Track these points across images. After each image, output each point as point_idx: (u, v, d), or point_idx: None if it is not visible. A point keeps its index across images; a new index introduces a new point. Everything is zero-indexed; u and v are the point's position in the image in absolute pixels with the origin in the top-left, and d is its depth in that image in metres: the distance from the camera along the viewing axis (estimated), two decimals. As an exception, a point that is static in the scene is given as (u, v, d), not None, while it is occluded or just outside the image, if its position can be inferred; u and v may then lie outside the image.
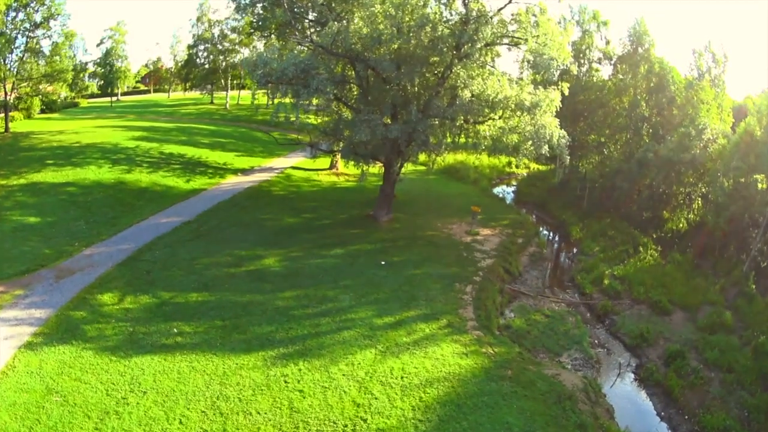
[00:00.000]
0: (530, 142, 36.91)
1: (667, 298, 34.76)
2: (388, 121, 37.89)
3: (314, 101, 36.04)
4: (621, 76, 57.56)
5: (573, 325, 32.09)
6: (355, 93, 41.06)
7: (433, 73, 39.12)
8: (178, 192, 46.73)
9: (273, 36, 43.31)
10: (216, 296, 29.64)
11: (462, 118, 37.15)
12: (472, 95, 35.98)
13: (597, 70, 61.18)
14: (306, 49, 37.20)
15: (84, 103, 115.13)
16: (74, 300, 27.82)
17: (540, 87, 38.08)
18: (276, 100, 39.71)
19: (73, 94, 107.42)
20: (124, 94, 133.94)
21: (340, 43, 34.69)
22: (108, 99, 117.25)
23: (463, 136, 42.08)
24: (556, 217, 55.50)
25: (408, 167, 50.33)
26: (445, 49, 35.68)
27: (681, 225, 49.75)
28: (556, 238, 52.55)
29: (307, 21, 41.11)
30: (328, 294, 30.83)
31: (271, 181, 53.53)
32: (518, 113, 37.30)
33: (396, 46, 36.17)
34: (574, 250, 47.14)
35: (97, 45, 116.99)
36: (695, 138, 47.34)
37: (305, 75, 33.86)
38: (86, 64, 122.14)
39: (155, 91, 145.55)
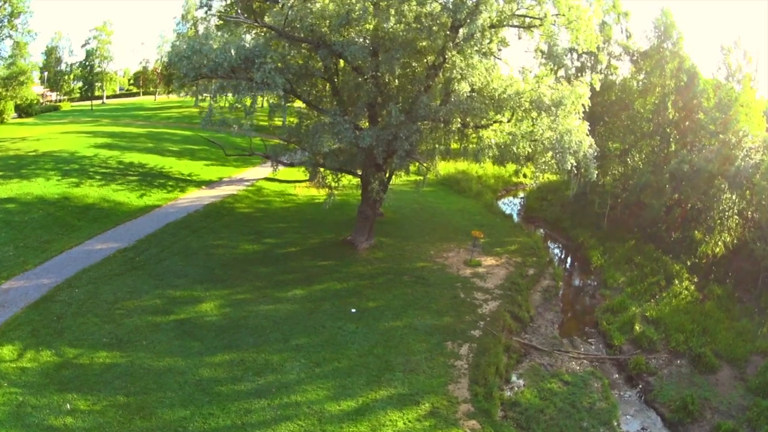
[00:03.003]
0: (550, 153, 28.87)
1: (711, 349, 28.20)
2: (366, 124, 30.07)
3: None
4: (644, 75, 50.30)
5: (599, 394, 24.40)
6: (320, 89, 33.12)
7: (422, 63, 31.16)
8: (127, 210, 39.96)
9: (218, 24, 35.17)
10: (128, 357, 22.85)
11: (459, 120, 28.98)
12: (472, 89, 27.83)
13: (615, 68, 53.69)
14: (257, 34, 29.39)
15: (67, 106, 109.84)
16: (-27, 353, 21.79)
17: (562, 79, 30.03)
18: (204, 103, 31.84)
19: (45, 98, 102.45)
20: (112, 96, 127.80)
21: (297, 23, 26.81)
22: (94, 102, 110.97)
23: (460, 143, 33.94)
24: (572, 238, 47.70)
25: (401, 178, 42.55)
26: (435, 29, 27.72)
27: (718, 249, 42.25)
28: (573, 265, 44.78)
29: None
30: (272, 360, 23.14)
31: (238, 195, 45.98)
32: (534, 114, 29.24)
33: (371, 26, 28.36)
34: (592, 281, 39.59)
35: (82, 46, 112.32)
36: (735, 147, 40.59)
37: (249, 65, 26.10)
38: (71, 65, 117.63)
39: (144, 94, 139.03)
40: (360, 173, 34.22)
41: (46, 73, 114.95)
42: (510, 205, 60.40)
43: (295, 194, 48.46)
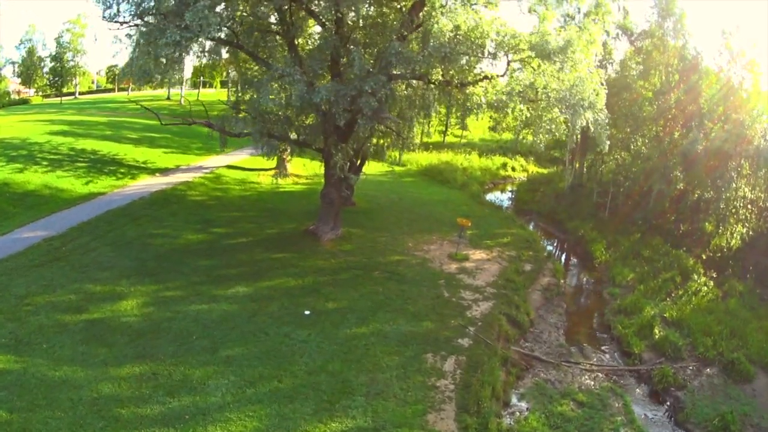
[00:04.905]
0: (556, 109, 23.56)
1: (744, 354, 24.14)
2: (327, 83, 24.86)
3: None
4: (644, 56, 46.51)
5: (622, 417, 19.42)
6: (272, 42, 27.82)
7: (395, 9, 25.82)
8: (68, 197, 35.94)
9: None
10: (23, 363, 18.45)
11: (440, 71, 23.46)
12: (457, 32, 22.36)
13: (611, 51, 49.49)
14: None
15: (38, 100, 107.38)
16: None
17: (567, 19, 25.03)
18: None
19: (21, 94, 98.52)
20: (87, 93, 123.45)
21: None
22: (67, 97, 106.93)
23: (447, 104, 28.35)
24: (570, 231, 43.02)
25: (377, 167, 37.27)
26: None
27: (734, 242, 38.09)
28: (573, 260, 39.85)
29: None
30: (193, 375, 17.87)
31: (192, 183, 40.94)
32: (534, 64, 23.77)
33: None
34: (598, 278, 34.63)
35: (56, 39, 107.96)
36: (749, 127, 37.96)
37: (182, 9, 20.94)
38: (43, 59, 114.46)
39: (119, 90, 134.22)
40: (322, 148, 28.87)
41: (17, 66, 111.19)
42: (498, 200, 55.71)
43: (258, 182, 43.64)
